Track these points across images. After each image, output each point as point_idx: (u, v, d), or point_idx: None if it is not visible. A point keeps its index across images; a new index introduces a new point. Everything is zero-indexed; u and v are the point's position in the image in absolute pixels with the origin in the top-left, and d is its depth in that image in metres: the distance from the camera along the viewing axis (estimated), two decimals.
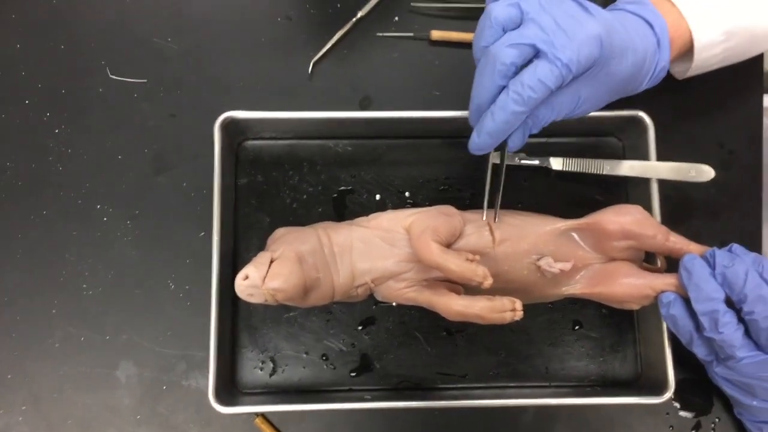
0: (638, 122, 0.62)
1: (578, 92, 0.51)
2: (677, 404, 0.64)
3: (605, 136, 0.67)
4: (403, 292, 0.56)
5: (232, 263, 0.63)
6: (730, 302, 0.52)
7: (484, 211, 0.58)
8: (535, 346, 0.64)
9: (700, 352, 0.56)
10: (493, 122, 0.49)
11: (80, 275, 0.64)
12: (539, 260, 0.58)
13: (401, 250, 0.56)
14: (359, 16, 0.67)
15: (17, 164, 0.65)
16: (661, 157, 0.61)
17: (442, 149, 0.66)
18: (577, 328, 0.64)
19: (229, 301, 0.61)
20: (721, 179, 0.63)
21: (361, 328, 0.64)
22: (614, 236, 0.57)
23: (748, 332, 0.52)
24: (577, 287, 0.59)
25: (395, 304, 0.63)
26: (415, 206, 0.63)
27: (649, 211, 0.59)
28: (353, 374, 0.63)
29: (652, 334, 0.61)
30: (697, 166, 0.61)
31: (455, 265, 0.51)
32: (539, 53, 0.47)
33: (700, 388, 0.63)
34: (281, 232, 0.58)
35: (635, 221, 0.57)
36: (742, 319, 0.52)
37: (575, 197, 0.66)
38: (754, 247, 0.64)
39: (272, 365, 0.63)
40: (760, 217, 0.66)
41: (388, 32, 0.68)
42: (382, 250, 0.57)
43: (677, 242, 0.57)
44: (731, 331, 0.51)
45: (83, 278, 0.64)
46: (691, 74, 0.61)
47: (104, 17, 0.68)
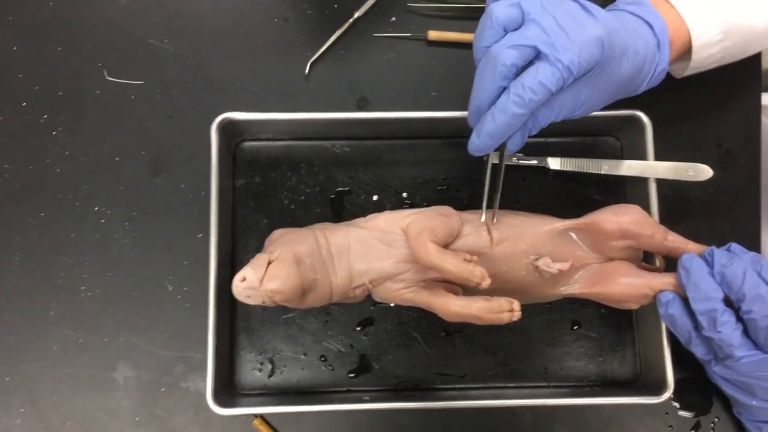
0: (636, 122, 0.62)
1: (578, 94, 0.51)
2: (676, 404, 0.64)
3: (603, 135, 0.67)
4: (400, 293, 0.56)
5: (230, 264, 0.63)
6: (728, 301, 0.52)
7: (482, 212, 0.58)
8: (533, 346, 0.64)
9: (698, 351, 0.56)
10: (493, 124, 0.49)
11: (78, 277, 0.64)
12: (537, 260, 0.57)
13: (399, 251, 0.56)
14: (356, 16, 0.67)
15: (15, 166, 0.65)
16: (659, 156, 0.61)
17: (439, 150, 0.66)
18: (575, 328, 0.64)
19: (227, 302, 0.61)
20: (719, 178, 0.63)
21: (359, 329, 0.64)
22: (612, 236, 0.57)
23: (746, 331, 0.52)
24: (575, 287, 0.59)
25: (393, 304, 0.63)
26: (413, 207, 0.63)
27: (647, 210, 0.59)
28: (352, 375, 0.63)
29: (651, 333, 0.61)
30: (695, 165, 0.61)
31: (453, 265, 0.51)
32: (540, 55, 0.47)
33: (699, 387, 0.63)
34: (279, 233, 0.58)
35: (633, 221, 0.57)
36: (740, 318, 0.52)
37: (573, 197, 0.66)
38: (752, 246, 0.64)
39: (271, 366, 0.63)
40: (758, 216, 0.66)
41: (385, 33, 0.68)
42: (379, 251, 0.57)
43: (675, 241, 0.57)
44: (729, 330, 0.51)
45: (81, 280, 0.64)
46: (688, 73, 0.61)
47: (101, 19, 0.68)
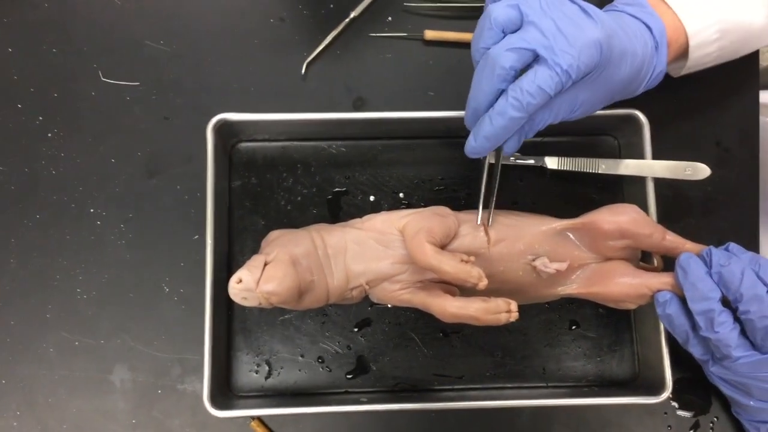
0: (634, 121, 0.62)
1: (576, 96, 0.51)
2: (675, 404, 0.63)
3: (601, 134, 0.67)
4: (397, 293, 0.56)
5: (226, 266, 0.62)
6: (726, 301, 0.52)
7: (478, 213, 0.58)
8: (531, 346, 0.64)
9: (696, 351, 0.55)
10: (491, 127, 0.49)
11: (74, 279, 0.63)
12: (535, 260, 0.57)
13: (396, 251, 0.56)
14: (352, 16, 0.67)
15: (10, 168, 0.65)
16: (656, 155, 0.61)
17: (436, 149, 0.66)
18: (574, 328, 0.64)
19: (223, 304, 0.61)
20: (717, 177, 0.63)
21: (356, 330, 0.63)
22: (610, 235, 0.57)
23: (743, 332, 0.52)
24: (573, 287, 0.59)
25: (390, 305, 0.63)
26: (410, 207, 0.63)
27: (645, 209, 0.59)
28: (349, 376, 0.63)
29: (649, 333, 0.61)
30: (693, 164, 0.61)
31: (450, 266, 0.51)
32: (539, 58, 0.47)
33: (698, 387, 0.63)
34: (275, 234, 0.58)
35: (631, 220, 0.57)
36: (738, 318, 0.52)
37: (571, 196, 0.65)
38: (751, 245, 0.64)
39: (268, 368, 0.63)
40: (756, 215, 0.66)
41: (381, 32, 0.68)
42: (376, 251, 0.56)
43: (673, 241, 0.56)
44: (727, 330, 0.51)
45: (77, 282, 0.63)
46: (686, 72, 0.61)
47: (96, 20, 0.67)
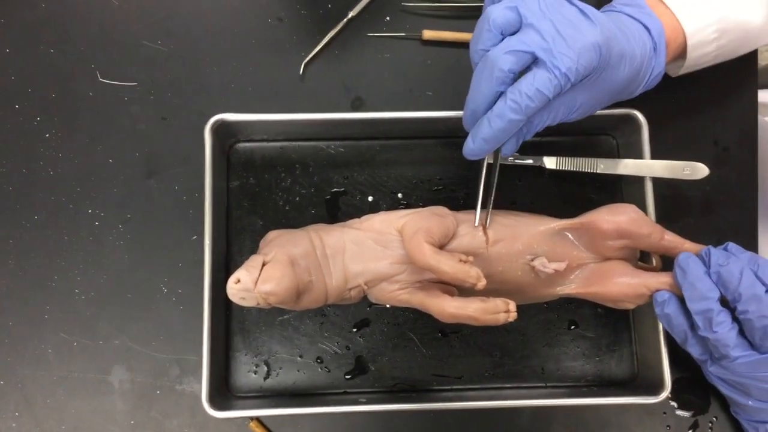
0: (632, 120, 0.62)
1: (575, 99, 0.51)
2: (674, 403, 0.63)
3: (599, 134, 0.67)
4: (396, 294, 0.56)
5: (224, 266, 0.62)
6: (725, 301, 0.52)
7: (476, 214, 0.57)
8: (530, 346, 0.64)
9: (694, 351, 0.55)
10: (489, 129, 0.49)
11: (72, 280, 0.63)
12: (533, 260, 0.57)
13: (394, 251, 0.56)
14: (350, 16, 0.67)
15: (8, 169, 0.65)
16: (655, 155, 0.61)
17: (435, 149, 0.66)
18: (572, 327, 0.64)
19: (222, 304, 0.61)
20: (715, 177, 0.63)
21: (355, 330, 0.63)
22: (609, 235, 0.57)
23: (742, 332, 0.52)
24: (571, 287, 0.59)
25: (389, 306, 0.63)
26: (408, 207, 0.62)
27: (643, 209, 0.59)
28: (348, 377, 0.63)
29: (648, 333, 0.61)
30: (691, 163, 0.61)
31: (448, 266, 0.51)
32: (538, 60, 0.47)
33: (697, 387, 0.63)
34: (273, 234, 0.58)
35: (630, 220, 0.57)
36: (736, 318, 0.52)
37: (569, 196, 0.65)
38: (749, 245, 0.64)
39: (266, 369, 0.62)
40: (755, 214, 0.66)
41: (379, 32, 0.68)
42: (374, 252, 0.56)
43: (672, 241, 0.56)
44: (725, 330, 0.51)
45: (75, 283, 0.63)
46: (684, 72, 0.61)
47: (94, 20, 0.67)
